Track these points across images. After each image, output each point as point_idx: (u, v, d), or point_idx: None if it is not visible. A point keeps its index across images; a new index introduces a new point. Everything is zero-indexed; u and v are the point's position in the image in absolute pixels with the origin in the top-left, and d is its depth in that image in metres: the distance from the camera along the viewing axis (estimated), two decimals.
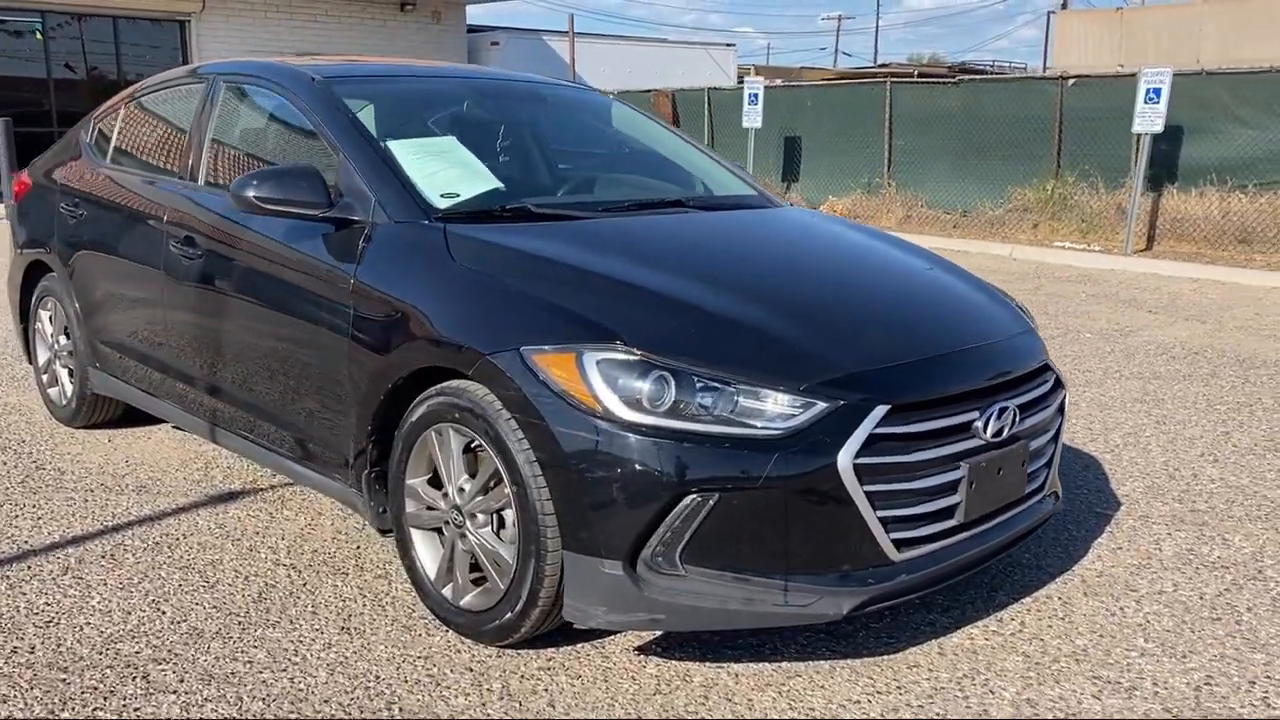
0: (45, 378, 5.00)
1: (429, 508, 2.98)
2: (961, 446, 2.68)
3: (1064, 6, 41.70)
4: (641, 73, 20.63)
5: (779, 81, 20.14)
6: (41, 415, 5.03)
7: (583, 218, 3.32)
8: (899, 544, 2.59)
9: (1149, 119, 11.57)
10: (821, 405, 2.49)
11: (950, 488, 2.67)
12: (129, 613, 3.05)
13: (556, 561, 2.62)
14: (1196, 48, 24.90)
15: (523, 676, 2.72)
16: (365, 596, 3.17)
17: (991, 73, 34.00)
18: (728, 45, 24.32)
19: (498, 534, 2.80)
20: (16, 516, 3.78)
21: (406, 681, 2.69)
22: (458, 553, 2.89)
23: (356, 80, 3.84)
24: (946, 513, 2.68)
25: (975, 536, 2.79)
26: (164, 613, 3.05)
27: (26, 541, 3.56)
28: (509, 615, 2.73)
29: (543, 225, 3.21)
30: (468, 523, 2.84)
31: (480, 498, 2.80)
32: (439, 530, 2.99)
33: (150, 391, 4.20)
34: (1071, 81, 13.23)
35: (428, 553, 3.01)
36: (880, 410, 2.52)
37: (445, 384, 2.85)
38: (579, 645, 2.87)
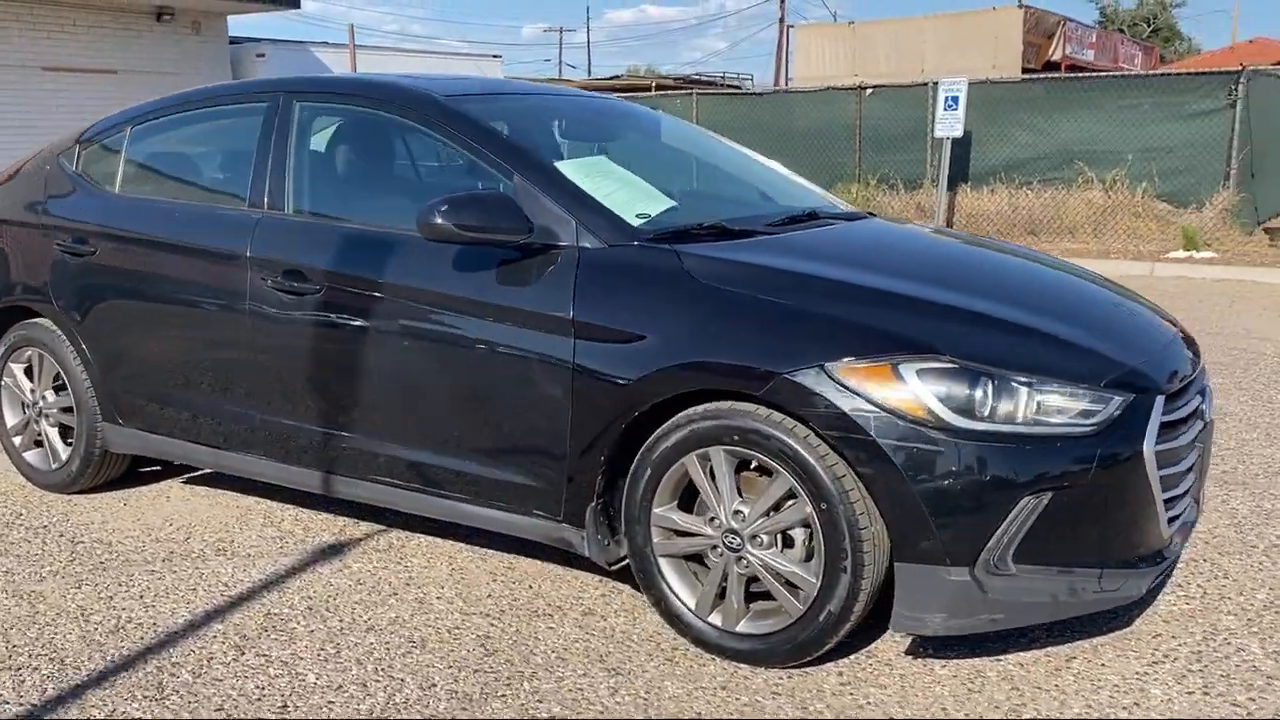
0: (19, 440, 4.38)
1: (683, 534, 2.91)
2: (1195, 430, 2.93)
3: (783, 24, 44.34)
4: None
5: None
6: (12, 484, 4.41)
7: (775, 233, 3.32)
8: (1168, 523, 2.80)
9: (949, 124, 12.63)
10: (1119, 399, 2.65)
11: (1190, 469, 2.91)
12: (364, 685, 2.78)
13: (874, 575, 2.64)
14: (920, 59, 27.23)
15: (833, 693, 2.72)
16: (593, 635, 3.04)
17: (724, 85, 35.60)
18: (494, 57, 24.21)
19: (783, 553, 2.78)
20: (113, 597, 3.33)
21: (733, 718, 2.63)
22: (732, 577, 2.84)
23: (479, 99, 3.64)
24: (1186, 493, 2.92)
25: (1193, 514, 3.06)
26: (403, 680, 2.81)
27: (156, 624, 3.14)
28: (807, 634, 2.73)
29: (758, 241, 3.20)
30: (747, 546, 2.80)
31: (765, 519, 2.77)
32: (698, 557, 2.92)
33: (215, 444, 3.79)
34: (870, 91, 14.19)
35: (682, 582, 2.94)
36: (1160, 400, 2.72)
37: (710, 406, 2.79)
38: (851, 658, 2.90)
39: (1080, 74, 17.37)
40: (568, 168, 3.28)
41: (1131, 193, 12.40)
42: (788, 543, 2.79)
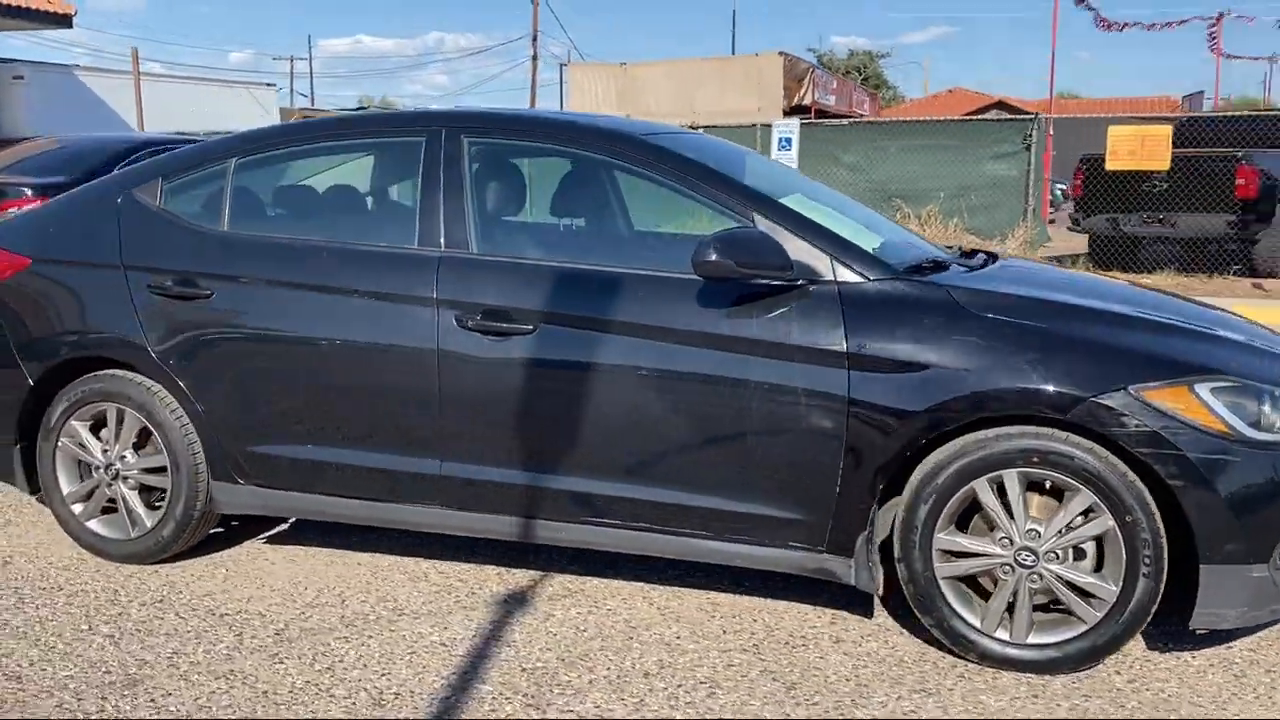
0: (80, 508, 3.89)
1: (966, 555, 3.05)
2: None
3: (535, 61, 44.93)
4: (198, 114, 19.02)
5: None
6: (66, 557, 3.91)
7: (985, 266, 3.53)
8: None
9: (784, 164, 13.34)
10: None
11: None
12: None
13: (1164, 579, 2.90)
14: (691, 100, 28.45)
15: (1132, 691, 2.94)
16: (865, 660, 3.12)
17: None
18: (268, 85, 23.17)
19: (1075, 566, 2.98)
20: (332, 669, 3.06)
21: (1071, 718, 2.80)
22: (1022, 593, 3.01)
23: (669, 137, 3.63)
24: None
25: None
26: None
27: (423, 691, 2.93)
28: (1104, 639, 2.95)
29: (986, 273, 3.41)
30: (1042, 562, 2.98)
31: (1061, 535, 2.96)
32: (981, 577, 3.07)
33: (376, 497, 3.55)
34: (701, 130, 14.74)
35: (961, 602, 3.08)
36: None
37: (1002, 431, 2.96)
38: (1112, 659, 3.13)
39: (897, 120, 18.70)
40: (790, 204, 3.36)
41: (945, 227, 13.57)
42: (1078, 555, 2.99)
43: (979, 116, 22.24)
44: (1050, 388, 2.91)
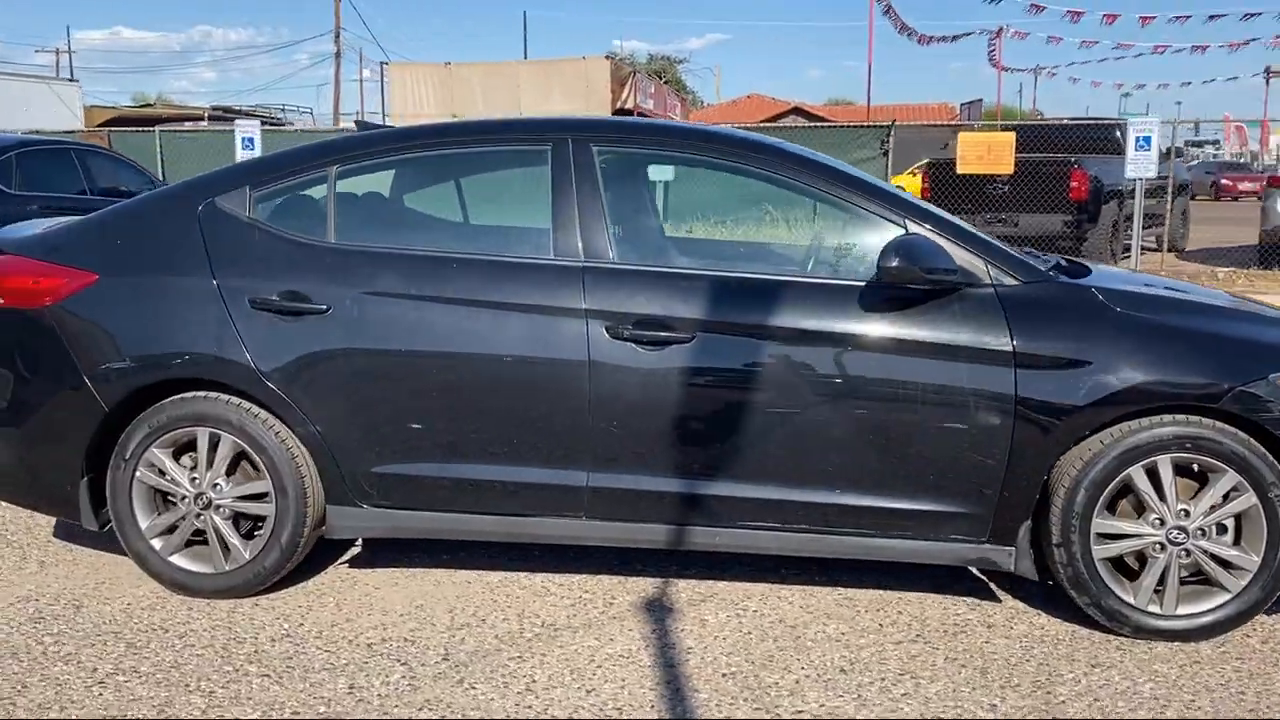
0: (162, 542, 3.61)
1: (1119, 537, 3.28)
2: None
3: (339, 59, 43.56)
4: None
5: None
6: (148, 594, 3.62)
7: (1093, 269, 3.78)
8: None
9: (662, 169, 13.55)
10: None
11: None
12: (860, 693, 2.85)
13: None
14: (517, 101, 28.38)
15: (1272, 649, 3.25)
16: (1029, 643, 3.31)
17: (282, 120, 34.36)
18: (71, 81, 21.47)
19: (1218, 540, 3.26)
20: (530, 689, 2.98)
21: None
22: (1172, 568, 3.27)
23: (788, 145, 3.69)
24: None
25: None
26: (979, 705, 2.91)
27: (641, 707, 2.91)
28: (1247, 605, 3.25)
29: (1102, 273, 3.66)
30: (1190, 539, 3.25)
31: (1207, 515, 3.24)
32: (1133, 556, 3.31)
33: (514, 512, 3.48)
34: None
35: (1115, 581, 3.30)
36: None
37: (1152, 419, 3.21)
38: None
39: (766, 127, 19.17)
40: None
41: (814, 228, 14.10)
42: (1220, 530, 3.28)
43: (786, 124, 23.20)
44: (1203, 379, 3.17)
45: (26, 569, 3.88)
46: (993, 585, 3.73)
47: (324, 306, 3.44)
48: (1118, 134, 15.71)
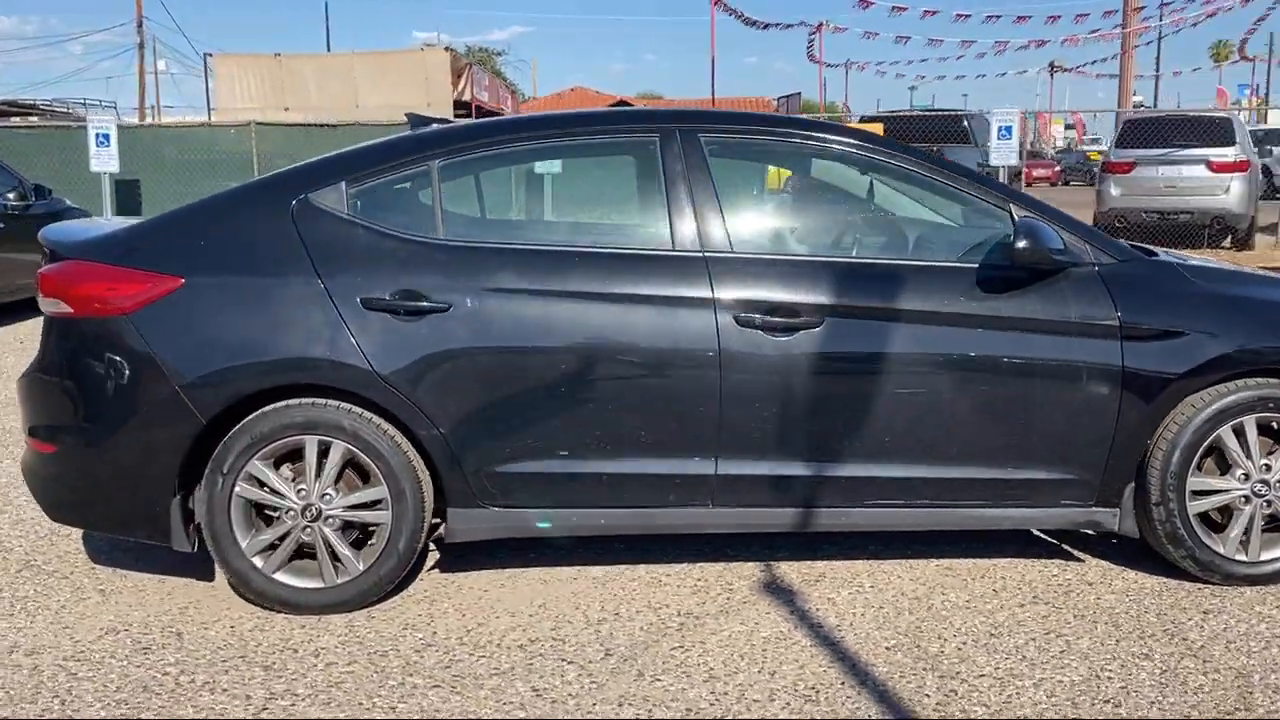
0: (265, 560, 3.41)
1: (1208, 493, 3.56)
2: None
3: (142, 50, 41.21)
4: None
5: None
6: (240, 621, 3.43)
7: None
8: None
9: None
10: None
11: None
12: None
13: None
14: (354, 94, 27.56)
15: None
16: (1150, 595, 3.55)
17: (66, 112, 32.20)
18: None
19: None
20: (733, 680, 3.01)
21: None
22: (1256, 519, 3.56)
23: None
24: None
25: None
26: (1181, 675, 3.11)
27: (863, 685, 2.97)
28: None
29: (1164, 251, 3.92)
30: (1272, 491, 3.55)
31: None
32: (1217, 511, 3.60)
33: (637, 504, 3.47)
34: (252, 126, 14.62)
35: (1206, 532, 3.57)
36: None
37: (1243, 383, 3.50)
38: None
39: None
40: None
41: None
42: None
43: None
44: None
45: (88, 599, 3.59)
46: (1066, 547, 3.96)
47: (445, 305, 3.33)
48: (965, 124, 16.68)
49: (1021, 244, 3.32)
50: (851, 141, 3.67)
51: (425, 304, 3.33)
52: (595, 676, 3.02)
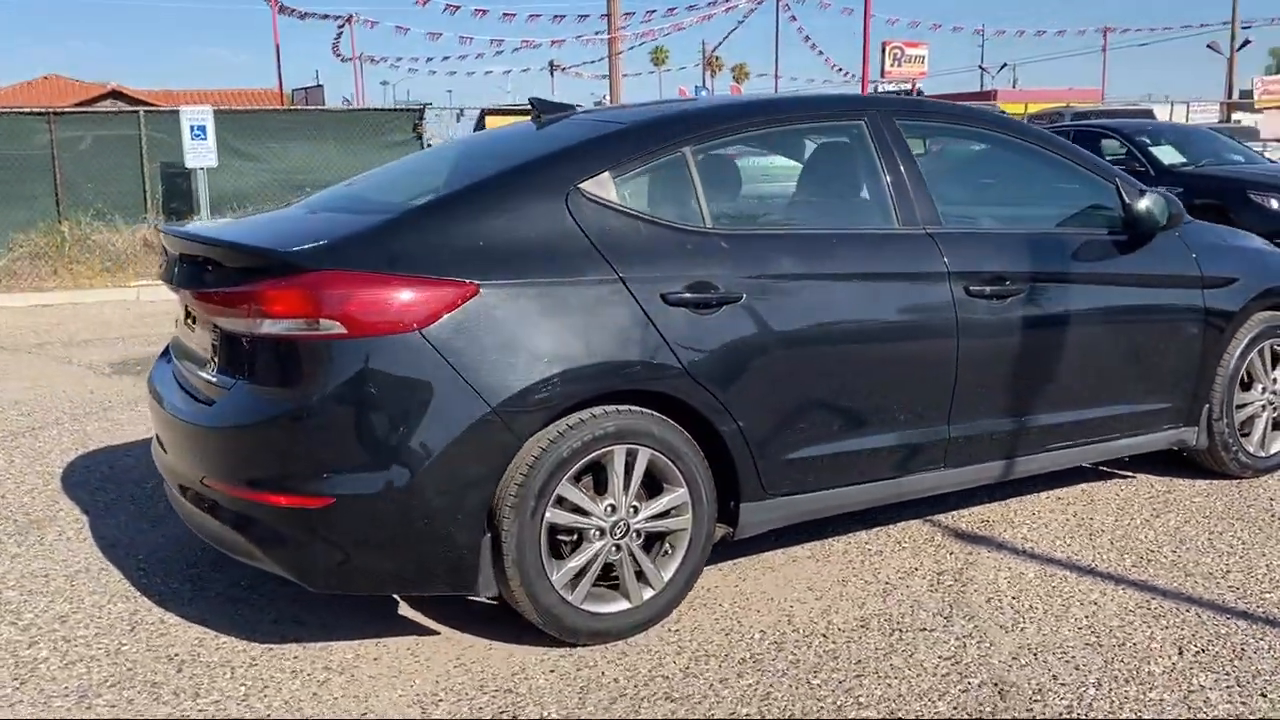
0: (571, 591, 3.11)
1: (1247, 405, 4.46)
2: None
3: None
4: None
5: None
6: (524, 658, 3.12)
7: None
8: None
9: (200, 154, 12.27)
10: None
11: None
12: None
13: None
14: None
15: None
16: (1200, 497, 4.35)
17: None
18: None
19: None
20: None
21: None
22: (1268, 422, 4.53)
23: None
24: None
25: None
26: None
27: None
28: None
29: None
30: None
31: None
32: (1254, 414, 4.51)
33: (888, 475, 3.64)
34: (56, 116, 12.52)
35: (1245, 438, 4.48)
36: None
37: (1265, 315, 4.43)
38: None
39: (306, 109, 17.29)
40: None
41: None
42: None
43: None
44: None
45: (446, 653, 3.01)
46: (1104, 469, 4.69)
47: (738, 294, 3.25)
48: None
49: (1157, 211, 3.95)
50: (1008, 129, 4.08)
51: (717, 296, 3.22)
52: (986, 638, 3.17)
